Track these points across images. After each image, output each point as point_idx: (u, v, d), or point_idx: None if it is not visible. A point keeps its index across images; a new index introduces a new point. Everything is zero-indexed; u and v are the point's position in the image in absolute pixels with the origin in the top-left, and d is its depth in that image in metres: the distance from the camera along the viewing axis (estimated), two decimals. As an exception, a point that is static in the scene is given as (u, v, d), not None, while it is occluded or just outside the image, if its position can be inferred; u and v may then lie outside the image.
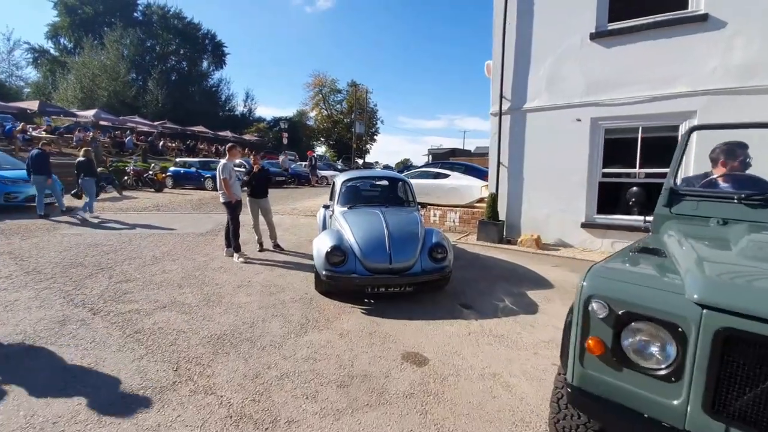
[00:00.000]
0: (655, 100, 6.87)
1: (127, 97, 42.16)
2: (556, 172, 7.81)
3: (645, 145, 7.11)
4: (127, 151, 22.07)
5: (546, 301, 4.74)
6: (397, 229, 4.73)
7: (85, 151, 10.44)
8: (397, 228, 4.74)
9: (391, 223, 4.78)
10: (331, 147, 50.70)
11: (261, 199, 6.87)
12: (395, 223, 4.83)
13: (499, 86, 8.24)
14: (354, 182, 5.97)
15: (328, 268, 4.36)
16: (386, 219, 4.85)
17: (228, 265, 6.07)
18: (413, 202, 5.74)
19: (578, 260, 6.85)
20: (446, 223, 9.44)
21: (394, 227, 4.72)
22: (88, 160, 10.16)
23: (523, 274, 5.96)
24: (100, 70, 41.14)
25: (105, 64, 41.72)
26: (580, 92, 7.49)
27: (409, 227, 4.88)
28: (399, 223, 4.90)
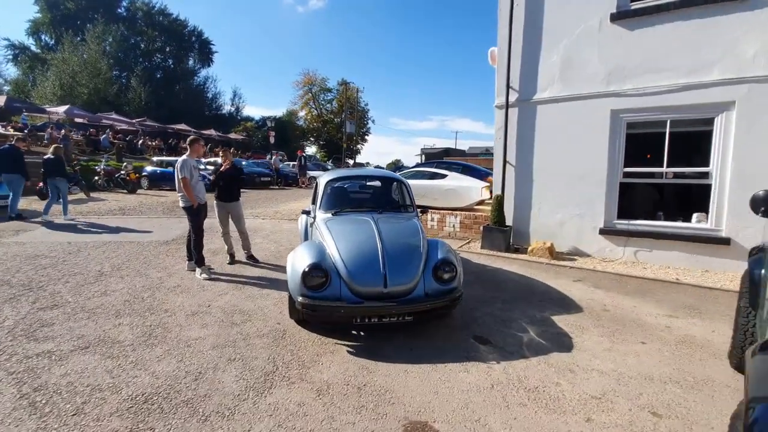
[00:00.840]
0: (686, 89, 5.99)
1: (108, 94, 40.96)
2: (570, 172, 6.90)
3: (673, 141, 6.23)
4: (102, 150, 20.76)
5: (579, 332, 3.79)
6: (394, 241, 3.75)
7: (54, 149, 9.51)
8: (393, 240, 3.75)
9: (386, 234, 3.79)
10: (321, 147, 49.52)
11: (230, 203, 5.83)
12: (391, 234, 3.84)
13: (505, 75, 7.31)
14: (340, 183, 4.96)
15: (305, 293, 3.36)
16: (379, 228, 3.86)
17: (187, 282, 5.02)
18: (412, 207, 4.75)
19: (600, 273, 5.94)
20: (445, 229, 8.48)
21: (389, 239, 3.73)
22: (57, 159, 9.22)
23: (542, 291, 5.01)
24: (80, 67, 40.04)
25: (85, 61, 40.65)
26: (598, 81, 6.59)
27: (408, 239, 3.89)
28: (396, 234, 3.91)
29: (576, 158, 6.82)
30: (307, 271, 3.39)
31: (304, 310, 3.35)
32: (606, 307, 4.48)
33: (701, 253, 6.09)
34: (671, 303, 4.70)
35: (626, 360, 3.26)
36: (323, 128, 47.44)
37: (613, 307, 4.51)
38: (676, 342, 3.64)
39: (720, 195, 5.95)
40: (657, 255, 6.36)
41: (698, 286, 5.38)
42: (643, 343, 3.59)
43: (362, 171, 6.29)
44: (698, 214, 6.32)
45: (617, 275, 5.81)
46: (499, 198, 7.28)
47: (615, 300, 4.75)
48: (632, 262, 6.47)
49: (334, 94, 47.05)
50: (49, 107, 24.24)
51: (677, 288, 5.31)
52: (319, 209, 4.51)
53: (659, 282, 5.54)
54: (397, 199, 5.00)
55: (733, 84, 5.71)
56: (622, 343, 3.57)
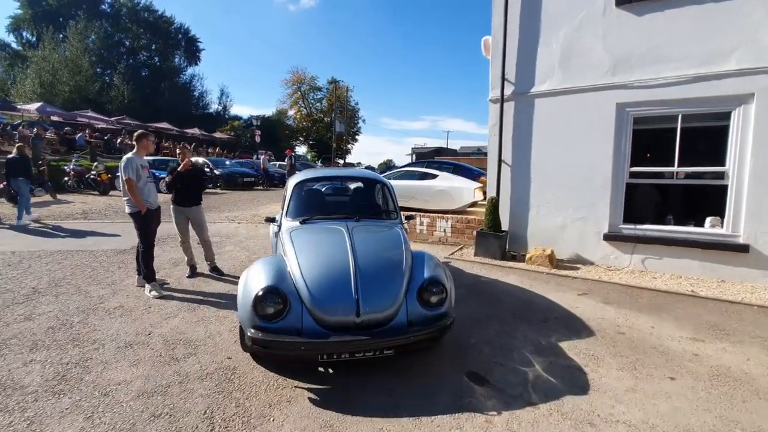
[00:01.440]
0: (700, 80, 5.41)
1: (90, 92, 39.96)
2: (572, 172, 6.29)
3: (685, 138, 5.65)
4: (76, 150, 19.72)
5: (594, 363, 3.15)
6: (370, 256, 3.07)
7: (18, 148, 8.91)
8: (369, 255, 3.08)
9: (361, 247, 3.11)
10: (311, 147, 48.65)
11: (190, 208, 5.09)
12: (367, 247, 3.17)
13: (500, 66, 6.68)
14: (311, 184, 4.28)
15: (257, 324, 2.66)
16: (354, 240, 3.18)
17: (132, 302, 4.29)
18: (395, 213, 4.07)
19: (607, 284, 5.33)
20: (436, 234, 7.83)
21: (365, 254, 3.05)
22: (20, 158, 8.65)
23: (544, 308, 4.37)
24: (61, 65, 39.09)
25: (66, 58, 39.69)
26: (602, 72, 5.99)
27: (388, 252, 3.22)
28: (373, 247, 3.23)
29: (578, 156, 6.22)
30: (260, 296, 2.70)
31: (255, 347, 2.65)
32: (620, 329, 3.85)
33: (716, 261, 5.51)
34: (692, 322, 4.10)
35: (656, 405, 2.62)
36: (313, 128, 46.55)
37: (629, 328, 3.88)
38: (710, 376, 3.02)
39: (737, 197, 5.38)
40: (667, 263, 5.78)
41: (717, 299, 4.80)
42: (672, 379, 2.96)
43: (338, 171, 5.52)
44: (712, 218, 5.74)
45: (626, 287, 5.20)
46: (493, 200, 6.65)
47: (629, 319, 4.13)
48: (640, 271, 5.87)
49: (324, 92, 46.24)
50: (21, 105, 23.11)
51: (694, 302, 4.71)
52: (286, 216, 3.81)
53: (673, 295, 4.94)
54: (379, 204, 4.31)
55: (752, 74, 5.14)
56: (648, 380, 2.93)
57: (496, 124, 6.77)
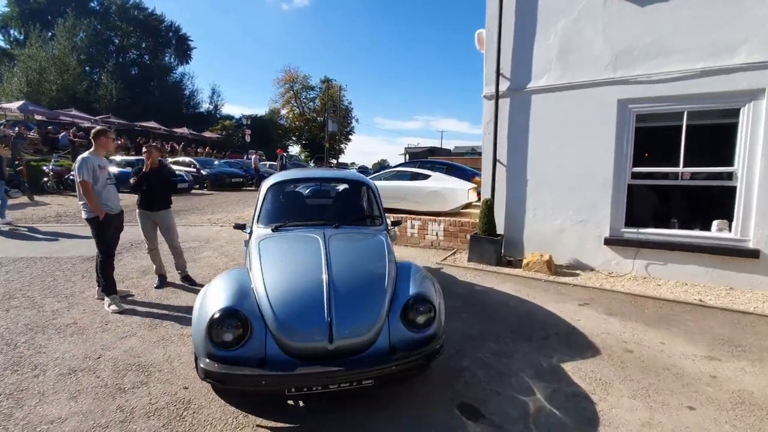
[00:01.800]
0: (707, 74, 5.07)
1: (77, 91, 39.38)
2: (571, 172, 5.94)
3: (690, 137, 5.32)
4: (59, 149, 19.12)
5: (603, 390, 2.78)
6: (348, 270, 2.68)
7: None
8: (347, 268, 2.69)
9: (338, 259, 2.72)
10: (304, 146, 48.08)
11: (157, 212, 4.66)
12: (345, 259, 2.78)
13: (495, 61, 6.32)
14: (287, 187, 3.87)
15: (212, 353, 2.27)
16: (330, 250, 2.79)
17: (89, 318, 3.86)
18: (380, 218, 3.68)
19: (609, 292, 4.98)
20: (427, 237, 7.45)
21: (341, 267, 2.66)
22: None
23: (544, 322, 4.01)
24: (49, 63, 38.53)
25: (54, 57, 39.14)
26: (603, 66, 5.64)
27: (368, 265, 2.83)
28: (352, 259, 2.84)
29: (577, 156, 5.87)
30: (216, 320, 2.30)
31: (209, 381, 2.25)
32: (628, 346, 3.49)
33: (724, 268, 5.18)
34: (704, 336, 3.75)
35: (678, 444, 2.26)
36: (305, 127, 46.01)
37: (637, 345, 3.52)
38: (733, 404, 2.66)
39: (747, 199, 5.06)
40: (672, 269, 5.44)
41: (727, 309, 4.46)
42: (692, 409, 2.60)
43: (318, 172, 5.03)
44: (719, 221, 5.41)
45: (630, 295, 4.86)
46: (488, 202, 6.28)
47: (636, 333, 3.77)
48: (643, 278, 5.53)
49: (316, 92, 45.64)
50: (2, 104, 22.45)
51: (703, 313, 4.37)
52: (256, 223, 3.40)
53: (680, 305, 4.60)
54: (362, 209, 3.91)
55: (763, 68, 4.82)
56: (664, 410, 2.57)
57: (491, 121, 6.41)
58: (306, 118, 46.07)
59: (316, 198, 4.10)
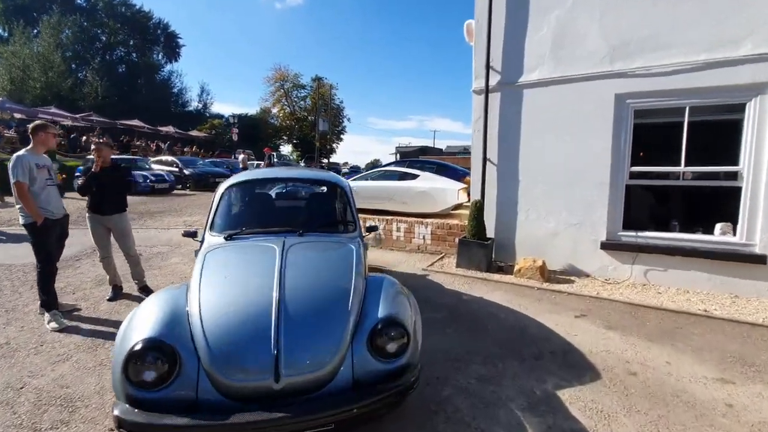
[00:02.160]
0: (710, 66, 4.73)
1: (62, 89, 38.64)
2: (565, 172, 5.57)
3: (692, 134, 4.97)
4: (38, 148, 18.46)
5: (605, 425, 2.38)
6: (305, 287, 2.26)
7: None
8: (303, 286, 2.27)
9: (295, 274, 2.30)
10: (295, 146, 47.47)
11: (109, 216, 4.20)
12: (303, 274, 2.36)
13: (484, 53, 5.92)
14: (246, 188, 3.43)
15: (131, 394, 1.83)
16: (286, 263, 2.37)
17: (25, 336, 3.40)
18: (353, 224, 3.26)
19: (607, 302, 4.61)
20: (414, 241, 7.04)
21: (297, 284, 2.24)
22: None
23: (537, 337, 3.61)
24: (32, 60, 37.78)
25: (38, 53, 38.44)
26: (599, 58, 5.27)
27: (331, 281, 2.41)
28: (311, 274, 2.42)
29: (572, 154, 5.50)
30: (136, 353, 1.87)
31: (123, 428, 1.82)
32: (631, 367, 3.11)
33: (728, 274, 4.84)
34: (714, 354, 3.39)
35: (698, 499, 1.86)
36: (297, 126, 45.40)
37: (641, 365, 3.14)
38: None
39: (752, 200, 4.72)
40: (673, 276, 5.09)
41: (734, 320, 4.11)
42: (710, 449, 2.21)
43: (285, 172, 4.47)
44: (722, 224, 5.07)
45: (629, 305, 4.49)
46: (478, 204, 5.89)
47: (639, 351, 3.39)
48: (642, 285, 5.17)
49: (308, 90, 45.02)
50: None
51: (710, 325, 4.02)
52: (209, 230, 2.97)
53: (684, 316, 4.24)
54: (333, 213, 3.47)
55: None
56: (678, 452, 2.18)
57: (481, 117, 6.01)
58: (297, 117, 45.46)
59: (281, 201, 3.66)
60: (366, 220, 7.46)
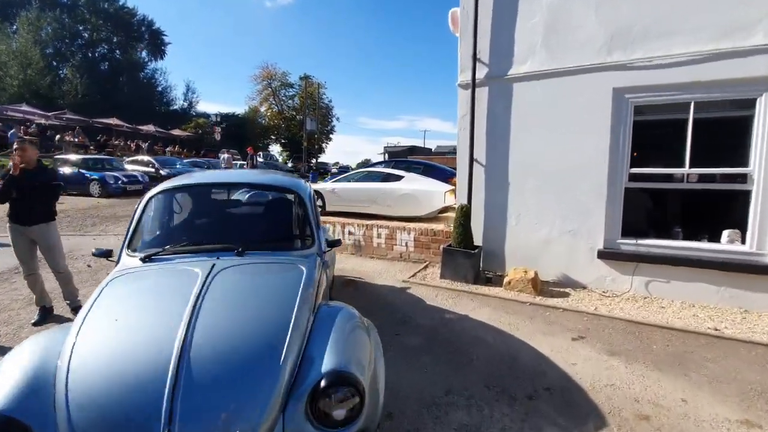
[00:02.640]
0: (718, 57, 4.27)
1: (41, 86, 37.56)
2: (559, 173, 5.09)
3: (698, 132, 4.52)
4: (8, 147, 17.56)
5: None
6: (219, 336, 1.70)
7: None
8: (218, 334, 1.71)
9: (212, 314, 1.75)
10: (283, 146, 46.63)
11: (33, 227, 3.58)
12: (222, 314, 1.80)
13: (471, 43, 5.41)
14: (177, 196, 2.86)
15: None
16: (205, 296, 1.82)
17: None
18: (312, 239, 2.71)
19: (607, 319, 4.12)
20: (396, 248, 6.51)
21: (210, 331, 1.68)
22: None
23: (530, 368, 3.10)
24: (9, 57, 36.73)
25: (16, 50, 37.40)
26: (596, 49, 4.80)
27: (261, 320, 1.83)
28: (236, 310, 1.86)
29: (566, 154, 5.02)
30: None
31: None
32: (642, 408, 2.61)
33: (736, 286, 4.40)
34: (732, 385, 2.91)
35: None
36: (285, 126, 44.57)
37: (653, 405, 2.65)
38: None
39: (763, 205, 4.28)
40: (676, 288, 4.63)
41: (750, 342, 3.66)
42: None
43: (230, 176, 3.74)
44: (730, 231, 4.63)
45: (632, 324, 4.01)
46: (464, 208, 5.37)
47: (648, 385, 2.90)
48: (644, 298, 4.71)
49: (296, 89, 44.21)
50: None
51: (722, 348, 3.55)
52: (126, 248, 2.40)
53: (692, 336, 3.77)
54: (286, 225, 2.90)
55: (785, 50, 4.04)
56: None
57: (467, 114, 5.51)
58: (285, 116, 44.64)
59: (222, 211, 3.06)
60: (345, 225, 6.92)
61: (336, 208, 8.74)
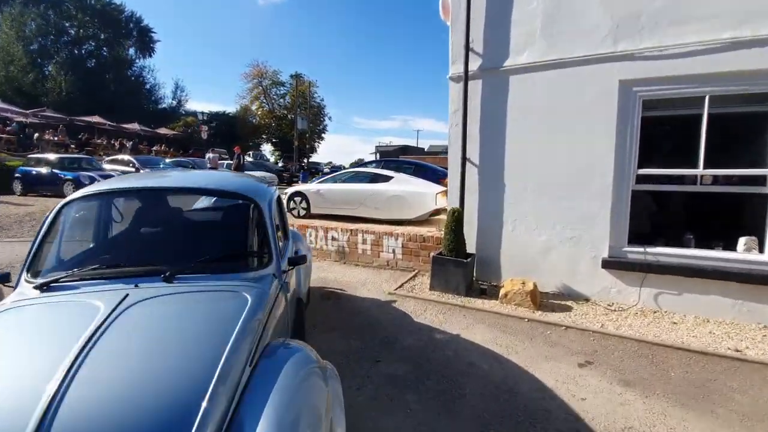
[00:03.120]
0: (737, 46, 3.85)
1: (24, 84, 36.65)
2: (559, 174, 4.64)
3: (713, 129, 4.09)
4: (-18, 146, 16.82)
5: None
6: (105, 393, 1.20)
7: None
8: (103, 391, 1.21)
9: (97, 374, 1.25)
10: (274, 145, 45.88)
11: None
12: (113, 372, 1.29)
13: (463, 32, 4.95)
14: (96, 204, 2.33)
15: None
16: (97, 342, 1.32)
17: None
18: (268, 257, 2.19)
19: (615, 338, 3.67)
20: (382, 255, 6.01)
21: (91, 386, 1.19)
22: None
23: (531, 403, 2.63)
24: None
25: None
26: (601, 37, 4.35)
27: (164, 389, 1.29)
28: (128, 373, 1.33)
29: (567, 154, 4.58)
30: None
31: None
32: (668, 460, 2.15)
33: (755, 299, 3.98)
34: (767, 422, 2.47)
35: None
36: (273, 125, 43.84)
37: (681, 456, 2.19)
38: None
39: (786, 211, 3.86)
40: (689, 301, 4.21)
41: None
42: None
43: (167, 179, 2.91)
44: (747, 238, 4.20)
45: (644, 344, 3.56)
46: (456, 213, 4.90)
47: (672, 427, 2.44)
48: (653, 312, 4.27)
49: (287, 88, 43.48)
50: None
51: (747, 373, 3.12)
52: (25, 272, 1.88)
53: (713, 359, 3.33)
54: (234, 241, 2.33)
55: (811, 38, 3.62)
56: None
57: (459, 109, 5.04)
58: (276, 115, 43.91)
59: (153, 224, 2.50)
60: (328, 230, 6.42)
61: (321, 211, 8.25)
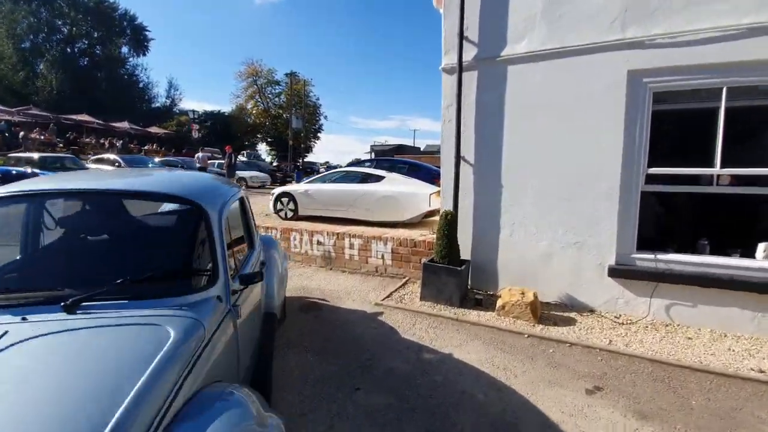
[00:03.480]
0: (758, 33, 3.47)
1: (14, 82, 36.10)
2: (562, 174, 4.25)
3: (730, 124, 3.71)
4: (-37, 145, 16.31)
5: None
6: None
7: None
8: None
9: None
10: (269, 144, 45.38)
11: None
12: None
13: (458, 19, 4.54)
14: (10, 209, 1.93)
15: None
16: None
17: None
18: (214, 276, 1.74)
19: (626, 358, 3.28)
20: (370, 260, 5.60)
21: None
22: None
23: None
24: None
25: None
26: (608, 22, 3.96)
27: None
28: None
29: (571, 150, 4.18)
30: None
31: None
32: None
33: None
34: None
35: None
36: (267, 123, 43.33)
37: None
38: None
39: (813, 214, 3.48)
40: (704, 313, 3.82)
41: (809, 389, 2.84)
42: None
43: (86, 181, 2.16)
44: (766, 244, 3.83)
45: (658, 364, 3.18)
46: (449, 216, 4.50)
47: (700, 474, 2.06)
48: (665, 325, 3.89)
49: (282, 87, 42.98)
50: None
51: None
52: None
53: (735, 382, 2.95)
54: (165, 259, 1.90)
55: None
56: None
57: (452, 104, 4.64)
58: (271, 114, 43.40)
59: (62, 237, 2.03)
60: (314, 234, 6.01)
61: (310, 213, 7.85)
